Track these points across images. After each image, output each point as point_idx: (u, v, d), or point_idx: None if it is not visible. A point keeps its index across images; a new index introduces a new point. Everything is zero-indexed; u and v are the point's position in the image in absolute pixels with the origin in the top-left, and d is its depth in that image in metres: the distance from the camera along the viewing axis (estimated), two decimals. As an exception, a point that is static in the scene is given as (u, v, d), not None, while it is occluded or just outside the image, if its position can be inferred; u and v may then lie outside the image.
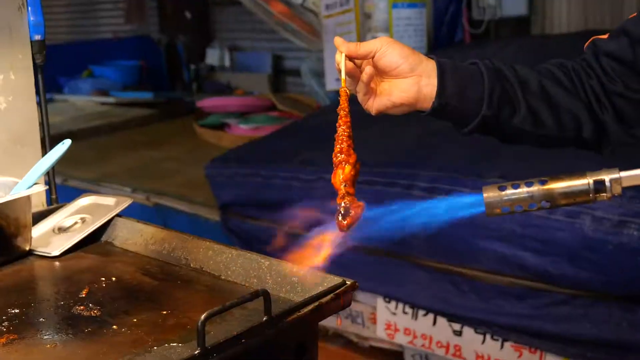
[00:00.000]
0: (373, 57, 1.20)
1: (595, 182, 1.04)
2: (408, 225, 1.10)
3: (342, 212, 1.08)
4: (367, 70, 1.19)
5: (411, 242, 2.78)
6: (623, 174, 1.04)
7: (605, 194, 1.04)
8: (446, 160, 2.88)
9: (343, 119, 1.16)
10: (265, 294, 1.06)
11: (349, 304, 1.20)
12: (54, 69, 6.87)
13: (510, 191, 1.06)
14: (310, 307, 1.12)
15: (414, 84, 1.21)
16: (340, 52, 1.20)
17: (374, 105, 1.23)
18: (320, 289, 1.17)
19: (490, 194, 1.07)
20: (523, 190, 1.05)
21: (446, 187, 2.72)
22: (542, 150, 1.33)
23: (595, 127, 1.26)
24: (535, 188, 1.05)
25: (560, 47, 3.60)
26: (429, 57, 1.23)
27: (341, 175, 1.11)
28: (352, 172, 1.12)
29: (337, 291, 1.17)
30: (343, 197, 1.09)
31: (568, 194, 1.05)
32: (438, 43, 4.53)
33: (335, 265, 1.15)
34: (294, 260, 1.21)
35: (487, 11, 4.50)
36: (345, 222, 1.08)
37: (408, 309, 2.92)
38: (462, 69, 1.23)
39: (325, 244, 1.12)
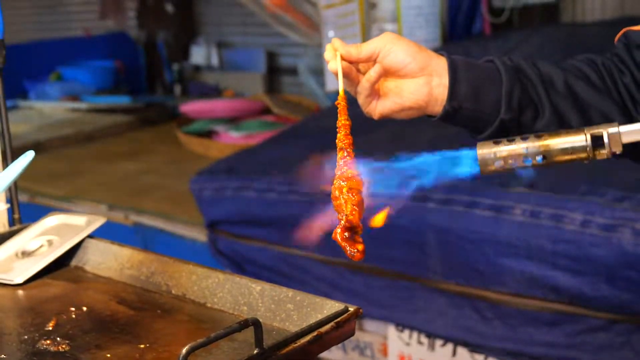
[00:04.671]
0: (375, 59, 1.21)
1: (593, 137, 1.09)
2: (397, 184, 1.13)
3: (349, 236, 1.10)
4: (376, 68, 1.20)
5: (426, 261, 2.78)
6: (623, 128, 1.08)
7: (604, 150, 1.09)
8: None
9: (342, 138, 1.16)
10: (256, 323, 1.07)
11: (353, 333, 1.20)
12: (18, 71, 6.92)
13: (504, 146, 1.12)
14: (307, 338, 1.13)
15: (425, 84, 1.21)
16: (335, 53, 1.21)
17: (377, 108, 1.24)
18: (320, 316, 1.18)
19: (484, 150, 1.12)
20: (518, 146, 1.11)
21: (465, 198, 2.73)
22: None
23: None
24: (531, 143, 1.11)
25: (594, 37, 3.61)
26: (440, 54, 1.24)
27: (346, 208, 1.12)
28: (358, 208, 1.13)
29: (339, 319, 1.17)
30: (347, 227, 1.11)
31: (565, 150, 1.10)
32: (453, 34, 4.55)
33: (338, 289, 1.16)
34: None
35: (509, -3, 4.53)
36: (355, 250, 1.10)
37: (424, 339, 2.91)
38: (476, 67, 1.24)
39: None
